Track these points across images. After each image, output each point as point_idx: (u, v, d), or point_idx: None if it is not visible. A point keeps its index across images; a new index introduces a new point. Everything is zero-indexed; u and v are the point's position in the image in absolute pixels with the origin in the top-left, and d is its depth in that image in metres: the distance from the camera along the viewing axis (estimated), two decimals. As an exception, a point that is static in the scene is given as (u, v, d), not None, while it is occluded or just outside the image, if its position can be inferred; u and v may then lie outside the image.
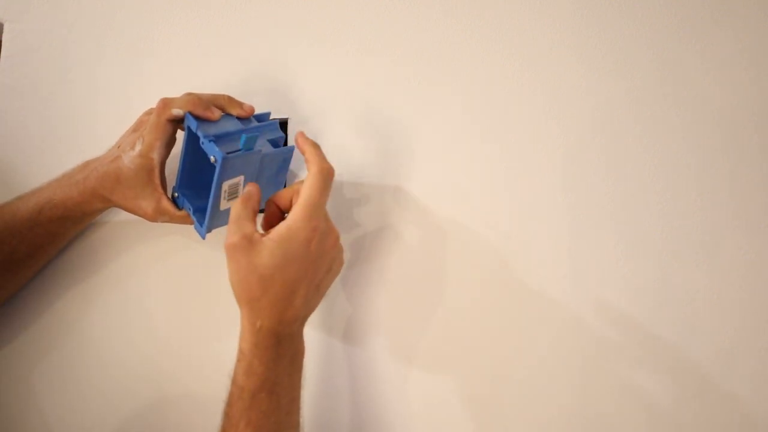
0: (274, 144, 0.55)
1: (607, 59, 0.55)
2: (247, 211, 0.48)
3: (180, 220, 0.56)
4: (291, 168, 0.59)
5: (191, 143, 0.54)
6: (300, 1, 0.62)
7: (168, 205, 0.55)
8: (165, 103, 0.53)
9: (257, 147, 0.52)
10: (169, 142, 0.56)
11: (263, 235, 0.47)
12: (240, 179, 0.52)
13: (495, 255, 0.55)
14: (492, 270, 0.55)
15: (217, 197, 0.52)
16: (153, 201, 0.55)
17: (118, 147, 0.56)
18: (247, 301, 0.47)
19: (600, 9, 0.55)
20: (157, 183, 0.55)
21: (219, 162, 0.49)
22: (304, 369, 0.50)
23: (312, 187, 0.47)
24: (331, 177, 0.48)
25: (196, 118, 0.52)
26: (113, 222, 0.63)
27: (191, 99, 0.53)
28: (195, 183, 0.56)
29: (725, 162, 0.52)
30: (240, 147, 0.50)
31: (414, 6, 0.59)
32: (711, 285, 0.51)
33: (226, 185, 0.52)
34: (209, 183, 0.51)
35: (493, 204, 0.56)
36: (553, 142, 0.55)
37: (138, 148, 0.54)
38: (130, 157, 0.54)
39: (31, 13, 0.68)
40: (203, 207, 0.53)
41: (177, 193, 0.55)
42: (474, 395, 0.54)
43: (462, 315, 0.55)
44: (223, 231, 0.49)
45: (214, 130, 0.52)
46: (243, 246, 0.46)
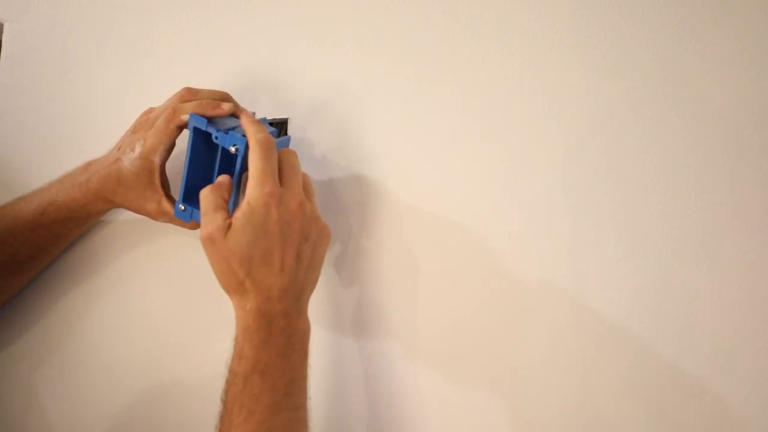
0: None
1: (607, 59, 0.55)
2: (217, 200, 0.48)
3: (180, 223, 0.56)
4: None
5: (197, 149, 0.53)
6: (300, 1, 0.62)
7: (168, 207, 0.55)
8: (175, 110, 0.54)
9: None
10: (172, 145, 0.56)
11: (230, 219, 0.47)
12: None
13: (495, 255, 0.55)
14: (492, 270, 0.55)
15: (238, 189, 0.51)
16: (154, 202, 0.55)
17: (118, 149, 0.56)
18: (234, 288, 0.47)
19: (600, 9, 0.55)
20: (158, 184, 0.55)
21: (241, 149, 0.50)
22: (309, 350, 0.48)
23: (255, 159, 0.48)
24: (269, 144, 0.48)
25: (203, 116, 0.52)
26: (114, 222, 0.63)
27: (201, 105, 0.53)
28: (197, 194, 0.55)
29: (725, 162, 0.52)
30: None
31: (414, 6, 0.59)
32: (711, 285, 0.51)
33: (244, 177, 0.51)
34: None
35: (493, 204, 0.56)
36: (553, 142, 0.55)
37: (138, 150, 0.54)
38: (130, 159, 0.54)
39: (31, 13, 0.68)
40: None
41: (183, 206, 0.54)
42: (474, 396, 0.54)
43: (462, 315, 0.55)
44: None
45: (221, 126, 0.52)
46: (217, 235, 0.47)
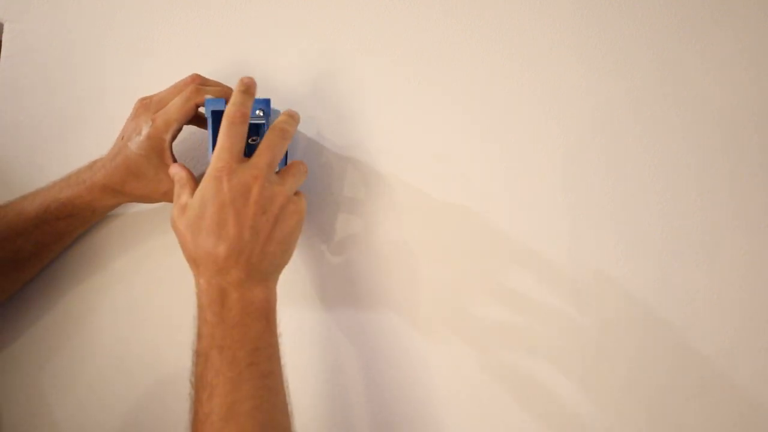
0: None
1: (607, 59, 0.55)
2: (182, 177, 0.50)
3: None
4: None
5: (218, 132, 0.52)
6: (299, 2, 0.62)
7: None
8: (198, 89, 0.53)
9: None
10: (181, 125, 0.55)
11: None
12: None
13: (494, 256, 0.55)
14: (491, 270, 0.55)
15: None
16: (167, 182, 0.54)
17: (121, 138, 0.55)
18: (190, 264, 0.47)
19: (600, 9, 0.55)
20: (170, 163, 0.54)
21: (268, 112, 0.52)
22: (278, 321, 0.48)
23: (219, 133, 0.48)
24: (233, 119, 0.48)
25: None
26: (121, 216, 0.63)
27: (221, 91, 0.54)
28: None
29: (725, 162, 0.52)
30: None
31: (414, 6, 0.59)
32: (711, 285, 0.51)
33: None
34: None
35: (493, 204, 0.56)
36: (553, 142, 0.55)
37: (146, 130, 0.53)
38: (137, 143, 0.53)
39: (31, 13, 0.68)
40: None
41: None
42: (473, 396, 0.54)
43: (461, 316, 0.55)
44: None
45: None
46: (177, 214, 0.48)
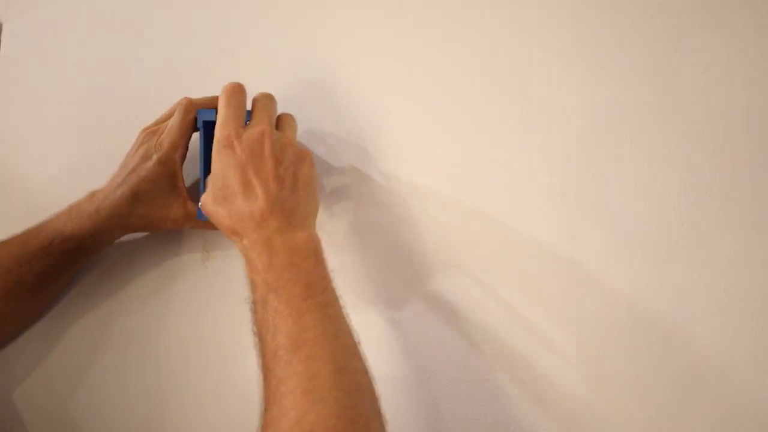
0: None
1: (599, 63, 0.55)
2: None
3: (206, 222, 0.55)
4: None
5: (209, 143, 0.52)
6: (299, 2, 0.62)
7: (195, 207, 0.54)
8: (190, 102, 0.54)
9: None
10: (187, 144, 0.55)
11: None
12: None
13: (489, 258, 0.55)
14: (486, 272, 0.55)
15: None
16: (179, 207, 0.54)
17: (125, 167, 0.55)
18: (233, 234, 0.48)
19: (591, 14, 0.55)
20: (182, 186, 0.55)
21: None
22: (325, 257, 0.48)
23: (218, 107, 0.50)
24: (230, 91, 0.50)
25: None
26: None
27: (213, 100, 0.54)
28: None
29: (714, 163, 0.52)
30: None
31: (411, 9, 0.59)
32: (709, 285, 0.51)
33: None
34: None
35: (485, 209, 0.56)
36: (544, 145, 0.55)
37: (156, 156, 0.53)
38: (146, 169, 0.53)
39: (31, 13, 0.68)
40: None
41: None
42: (472, 396, 0.54)
43: (458, 317, 0.55)
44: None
45: None
46: (204, 199, 0.50)
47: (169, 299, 0.61)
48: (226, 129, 0.48)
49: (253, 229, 0.46)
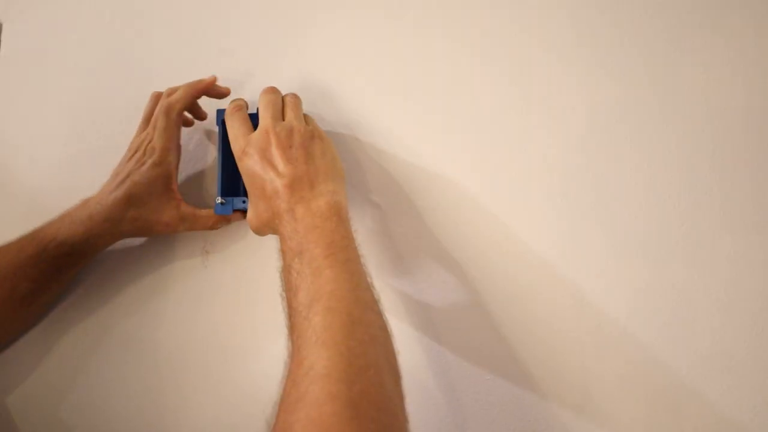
0: None
1: (599, 63, 0.55)
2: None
3: (204, 221, 0.56)
4: None
5: (226, 148, 0.55)
6: (299, 2, 0.62)
7: (189, 209, 0.56)
8: (170, 103, 0.55)
9: None
10: (179, 143, 0.56)
11: None
12: None
13: (486, 259, 0.55)
14: (485, 272, 0.55)
15: None
16: (172, 209, 0.55)
17: (116, 175, 0.56)
18: (271, 224, 0.50)
19: (591, 14, 0.55)
20: (176, 189, 0.56)
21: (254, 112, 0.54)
22: (348, 217, 0.50)
23: (228, 130, 0.53)
24: (231, 112, 0.54)
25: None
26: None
27: (188, 87, 0.57)
28: (236, 187, 0.56)
29: (715, 164, 0.52)
30: None
31: (411, 9, 0.59)
32: (707, 286, 0.51)
33: None
34: None
35: (485, 209, 0.56)
36: (546, 145, 0.55)
37: (150, 160, 0.54)
38: (141, 173, 0.54)
39: (31, 13, 0.68)
40: None
41: (223, 200, 0.56)
42: (472, 395, 0.54)
43: (455, 318, 0.55)
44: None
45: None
46: (250, 215, 0.52)
47: (170, 300, 0.61)
48: (237, 144, 0.51)
49: (280, 206, 0.48)
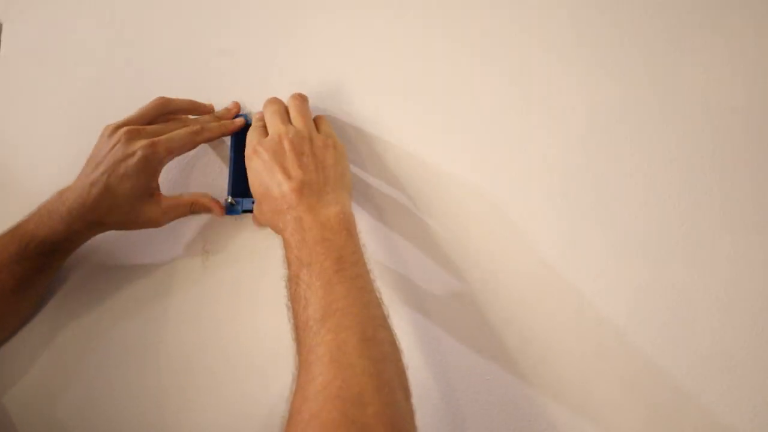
0: None
1: (599, 64, 0.55)
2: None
3: (186, 207, 0.57)
4: None
5: (240, 147, 0.56)
6: (298, 2, 0.62)
7: (169, 200, 0.56)
8: (204, 128, 0.58)
9: None
10: (177, 156, 0.58)
11: None
12: None
13: (487, 260, 0.55)
14: (485, 272, 0.55)
15: None
16: (155, 204, 0.56)
17: (96, 165, 0.55)
18: (275, 226, 0.50)
19: (592, 15, 0.55)
20: (157, 185, 0.56)
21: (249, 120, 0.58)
22: (357, 231, 0.50)
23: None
24: (268, 101, 0.56)
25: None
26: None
27: (222, 126, 0.59)
28: (247, 187, 0.57)
29: (715, 163, 0.52)
30: None
31: (411, 9, 0.59)
32: (711, 285, 0.51)
33: None
34: None
35: (485, 209, 0.56)
36: (546, 145, 0.55)
37: (141, 153, 0.53)
38: (127, 166, 0.53)
39: (31, 13, 0.68)
40: None
41: (234, 200, 0.58)
42: (472, 395, 0.54)
43: (454, 318, 0.55)
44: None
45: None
46: (255, 211, 0.54)
47: (169, 300, 0.61)
48: (249, 145, 0.53)
49: (286, 212, 0.49)
